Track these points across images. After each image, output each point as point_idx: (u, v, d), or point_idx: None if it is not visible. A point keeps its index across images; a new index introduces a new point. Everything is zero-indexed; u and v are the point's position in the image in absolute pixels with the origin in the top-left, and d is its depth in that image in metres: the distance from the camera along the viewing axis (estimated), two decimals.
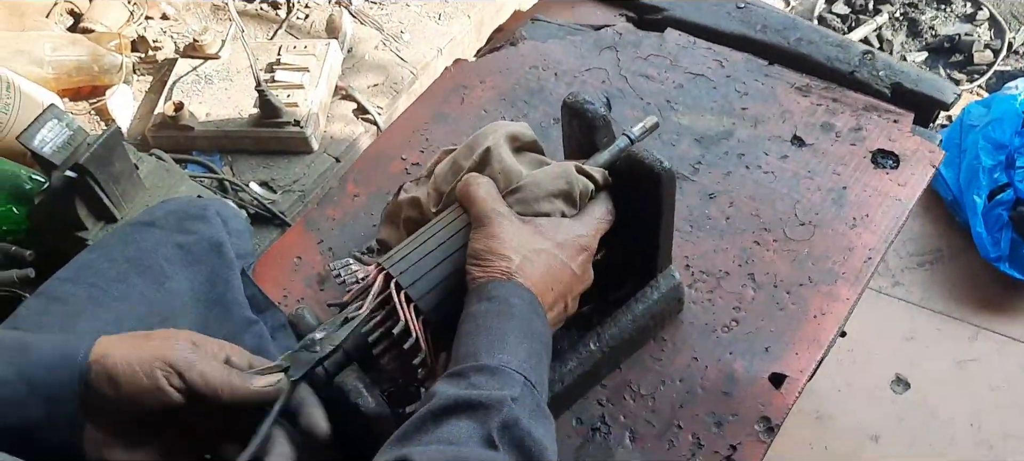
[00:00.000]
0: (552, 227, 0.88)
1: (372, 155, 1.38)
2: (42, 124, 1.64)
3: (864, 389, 1.94)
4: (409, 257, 0.87)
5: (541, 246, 0.85)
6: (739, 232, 1.20)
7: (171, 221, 1.02)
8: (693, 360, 1.09)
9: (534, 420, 0.71)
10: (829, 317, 1.11)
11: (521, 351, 0.75)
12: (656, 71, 1.40)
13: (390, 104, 2.24)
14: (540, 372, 0.77)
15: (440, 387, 0.73)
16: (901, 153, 1.25)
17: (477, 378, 0.72)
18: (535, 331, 0.79)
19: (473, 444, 0.67)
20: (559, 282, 0.85)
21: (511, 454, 0.67)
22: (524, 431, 0.69)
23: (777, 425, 1.03)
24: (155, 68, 2.42)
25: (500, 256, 0.82)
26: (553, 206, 0.90)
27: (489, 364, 0.73)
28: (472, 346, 0.76)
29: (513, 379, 0.72)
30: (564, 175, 0.91)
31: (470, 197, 0.88)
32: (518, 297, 0.79)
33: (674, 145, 1.30)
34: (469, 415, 0.69)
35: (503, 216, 0.85)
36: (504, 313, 0.78)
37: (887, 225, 1.18)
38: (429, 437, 0.69)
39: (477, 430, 0.68)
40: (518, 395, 0.71)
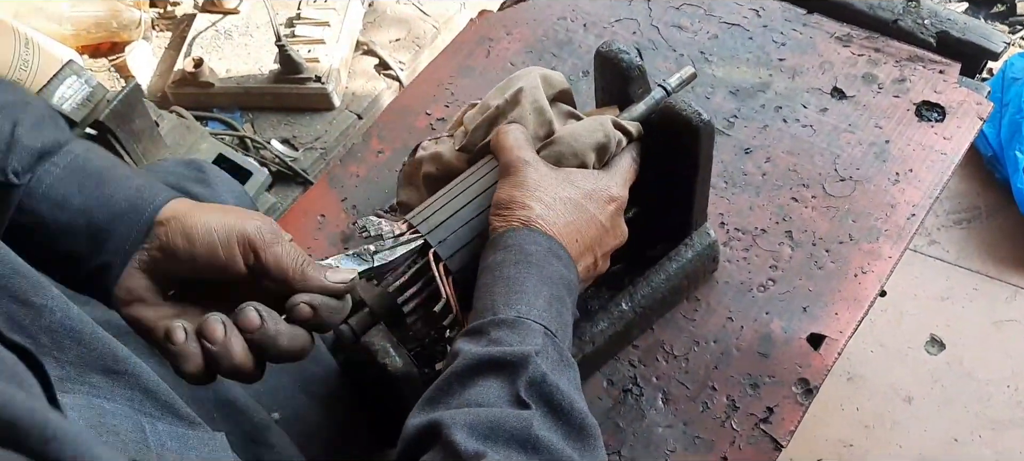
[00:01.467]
0: (582, 177, 0.85)
1: (396, 110, 1.34)
2: (61, 81, 1.62)
3: (897, 350, 1.90)
4: (440, 215, 0.84)
5: (568, 194, 0.82)
6: (776, 188, 1.15)
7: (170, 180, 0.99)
8: (728, 320, 1.05)
9: (559, 371, 0.69)
10: (870, 275, 1.07)
11: (540, 300, 0.73)
12: (689, 21, 1.35)
13: (412, 59, 2.20)
14: (562, 318, 0.74)
15: (462, 345, 0.71)
16: (947, 105, 1.19)
17: (497, 333, 0.70)
18: (555, 275, 0.76)
19: (503, 404, 0.66)
20: (585, 233, 0.81)
21: (541, 409, 0.66)
22: (552, 385, 0.67)
23: (816, 387, 0.99)
24: (174, 23, 2.40)
25: (521, 204, 0.79)
26: (589, 158, 0.86)
27: (507, 317, 0.71)
28: (490, 299, 0.73)
29: (532, 330, 0.70)
30: (601, 128, 0.87)
31: (499, 145, 0.85)
32: (534, 243, 0.77)
33: (708, 98, 1.25)
34: (495, 374, 0.68)
35: (530, 164, 0.82)
36: (520, 261, 0.75)
37: (932, 180, 1.13)
38: (457, 399, 0.67)
39: (506, 389, 0.67)
40: (540, 347, 0.69)
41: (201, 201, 0.97)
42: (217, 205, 0.75)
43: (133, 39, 2.30)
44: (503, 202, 0.80)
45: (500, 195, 0.81)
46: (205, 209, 0.73)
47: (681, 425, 0.99)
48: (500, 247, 0.77)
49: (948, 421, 1.81)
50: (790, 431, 0.97)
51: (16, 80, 1.93)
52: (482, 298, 0.75)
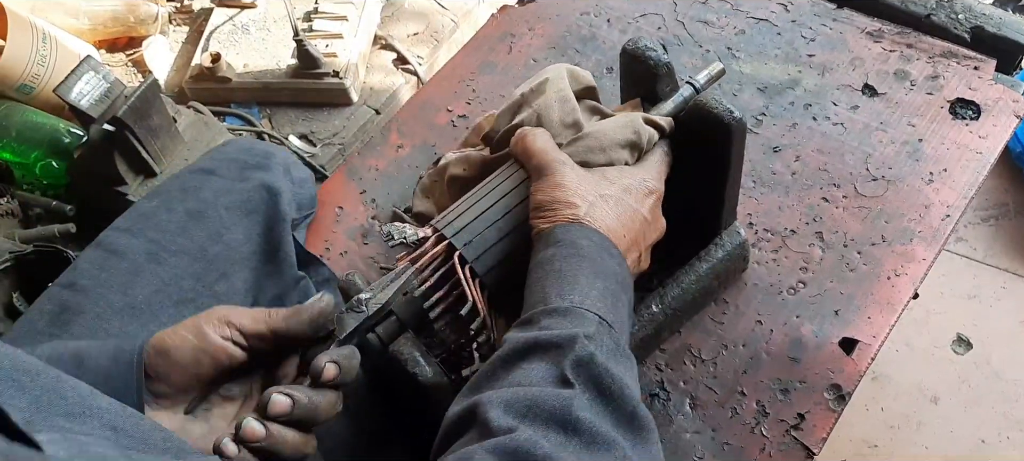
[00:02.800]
0: (617, 173, 0.83)
1: (416, 105, 1.33)
2: (79, 76, 1.61)
3: (924, 349, 1.87)
4: (464, 218, 0.82)
5: (608, 191, 0.80)
6: (806, 188, 1.13)
7: (233, 170, 0.99)
8: (757, 324, 1.03)
9: (613, 359, 0.66)
10: (904, 278, 1.04)
11: (594, 290, 0.70)
12: (716, 16, 1.32)
13: (431, 53, 2.17)
14: (618, 311, 0.72)
15: (510, 334, 0.69)
16: (982, 102, 1.16)
17: (548, 320, 0.68)
18: (608, 270, 0.74)
19: (546, 384, 0.63)
20: (631, 227, 0.80)
21: (588, 390, 0.63)
22: (600, 367, 0.64)
23: (848, 393, 0.97)
24: (191, 18, 2.38)
25: (566, 203, 0.77)
26: (619, 155, 0.84)
27: (559, 306, 0.68)
28: (541, 292, 0.71)
29: (586, 318, 0.68)
30: (631, 124, 0.85)
31: (527, 150, 0.82)
32: (587, 238, 0.75)
33: (736, 95, 1.23)
34: (540, 356, 0.65)
35: (565, 163, 0.80)
36: (573, 254, 0.73)
37: (966, 180, 1.10)
38: (501, 382, 0.65)
39: (550, 371, 0.64)
40: (592, 333, 0.66)
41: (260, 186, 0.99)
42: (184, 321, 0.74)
43: (150, 34, 2.29)
44: (545, 204, 0.78)
45: (540, 198, 0.79)
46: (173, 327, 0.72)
47: (709, 431, 0.97)
48: (551, 243, 0.75)
49: (975, 422, 1.78)
50: (822, 438, 0.95)
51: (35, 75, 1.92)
52: (533, 293, 0.72)
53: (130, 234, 0.93)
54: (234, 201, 0.97)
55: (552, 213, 0.77)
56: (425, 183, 1.14)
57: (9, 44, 1.88)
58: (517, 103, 0.90)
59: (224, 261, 0.93)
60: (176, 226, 0.93)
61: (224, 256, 0.93)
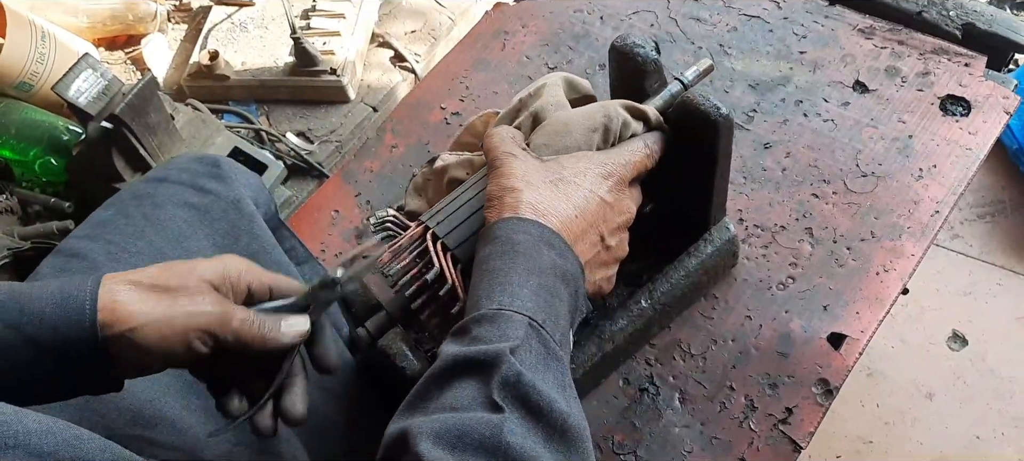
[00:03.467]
0: (572, 159, 0.82)
1: (411, 104, 1.33)
2: (77, 74, 1.62)
3: (919, 345, 1.88)
4: (445, 209, 0.85)
5: (556, 175, 0.79)
6: (796, 184, 1.13)
7: (184, 177, 0.98)
8: (746, 319, 1.04)
9: (541, 366, 0.66)
10: (893, 274, 1.04)
11: (525, 289, 0.70)
12: (708, 13, 1.33)
13: (428, 51, 2.18)
14: (552, 308, 0.71)
15: (446, 346, 0.69)
16: (973, 99, 1.16)
17: (478, 330, 0.67)
18: (545, 264, 0.73)
19: (476, 407, 0.63)
20: (584, 210, 0.79)
21: (517, 412, 0.63)
22: (527, 386, 0.64)
23: (836, 388, 0.98)
24: (189, 16, 2.39)
25: (508, 190, 0.77)
26: (585, 138, 0.84)
27: (488, 311, 0.68)
28: (475, 295, 0.71)
29: (514, 322, 0.67)
30: (603, 108, 0.85)
31: (486, 147, 0.84)
32: (523, 232, 0.74)
33: (727, 92, 1.23)
34: (469, 375, 0.65)
35: (513, 155, 0.81)
36: (507, 252, 0.73)
37: (956, 176, 1.11)
38: (433, 403, 0.65)
39: (479, 392, 0.64)
40: (520, 342, 0.66)
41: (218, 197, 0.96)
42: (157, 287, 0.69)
43: (149, 32, 2.30)
44: (493, 194, 0.79)
45: (489, 189, 0.80)
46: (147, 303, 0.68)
47: (698, 425, 0.97)
48: (489, 240, 0.75)
49: (970, 418, 1.78)
50: (809, 433, 0.95)
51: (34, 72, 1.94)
52: (471, 296, 0.73)
53: (89, 239, 0.92)
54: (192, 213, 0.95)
55: (496, 203, 0.77)
56: (417, 181, 1.15)
57: (8, 42, 1.89)
58: (516, 108, 0.91)
59: None
60: (134, 230, 0.92)
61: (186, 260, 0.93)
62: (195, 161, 1.01)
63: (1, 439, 0.51)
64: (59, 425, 0.55)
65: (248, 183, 1.03)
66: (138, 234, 0.92)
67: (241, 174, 1.03)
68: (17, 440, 0.52)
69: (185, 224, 0.94)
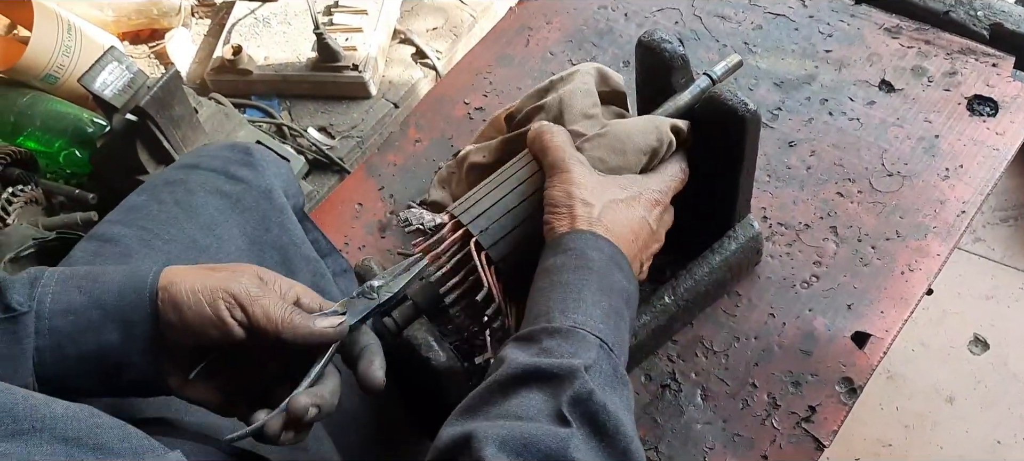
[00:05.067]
0: (629, 180, 0.82)
1: (434, 99, 1.34)
2: (103, 67, 1.63)
3: (940, 349, 1.86)
4: (481, 205, 0.83)
5: (620, 196, 0.79)
6: (821, 182, 1.13)
7: (216, 163, 0.99)
8: (770, 317, 1.04)
9: (610, 389, 0.66)
10: (918, 274, 1.04)
11: (598, 310, 0.69)
12: (733, 11, 1.33)
13: (449, 48, 2.18)
14: (620, 332, 0.71)
15: (510, 351, 0.68)
16: (1000, 99, 1.16)
17: (549, 342, 0.67)
18: (616, 286, 0.73)
19: (543, 419, 0.62)
20: (639, 236, 0.79)
21: (583, 429, 0.62)
22: (598, 405, 0.63)
23: (859, 387, 0.97)
24: (213, 11, 2.41)
25: (581, 202, 0.76)
26: (637, 160, 0.84)
27: (562, 326, 0.68)
28: (545, 305, 0.70)
29: (587, 342, 0.67)
30: (656, 130, 0.84)
31: (544, 146, 0.82)
32: (597, 250, 0.74)
33: (752, 89, 1.23)
34: (539, 386, 0.64)
35: (580, 162, 0.80)
36: (581, 267, 0.72)
37: (983, 177, 1.10)
38: (497, 409, 0.64)
39: (547, 404, 0.63)
40: (592, 362, 0.65)
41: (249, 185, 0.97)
42: (209, 267, 0.74)
43: (173, 26, 2.31)
44: (558, 201, 0.77)
45: (554, 192, 0.78)
46: (194, 273, 0.72)
47: (720, 422, 0.97)
48: (560, 250, 0.74)
49: (991, 423, 1.76)
50: (833, 431, 0.95)
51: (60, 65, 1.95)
52: (537, 303, 0.72)
53: (122, 225, 0.93)
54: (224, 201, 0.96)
55: (565, 212, 0.76)
56: (442, 174, 1.15)
57: (35, 35, 1.91)
58: (544, 88, 0.91)
59: (216, 252, 0.93)
60: (166, 217, 0.93)
61: (216, 248, 0.93)
62: (227, 149, 1.02)
63: (29, 422, 0.53)
64: (84, 411, 0.57)
65: (279, 173, 1.03)
66: (170, 221, 0.92)
67: (272, 163, 1.03)
68: (44, 424, 0.54)
69: (217, 212, 0.94)
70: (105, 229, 0.93)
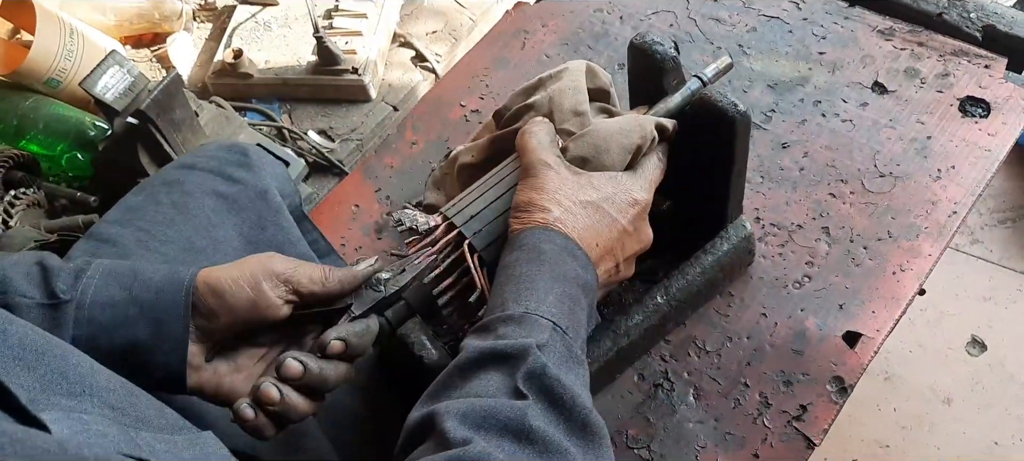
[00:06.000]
0: (604, 180, 0.83)
1: (430, 102, 1.35)
2: (104, 70, 1.65)
3: (937, 350, 1.87)
4: (473, 207, 0.84)
5: (587, 197, 0.80)
6: (813, 183, 1.14)
7: (213, 164, 1.00)
8: (762, 316, 1.04)
9: (564, 367, 0.68)
10: (909, 274, 1.05)
11: (550, 296, 0.72)
12: (727, 13, 1.34)
13: (449, 51, 2.20)
14: (574, 316, 0.73)
15: (468, 341, 0.71)
16: (992, 101, 1.16)
17: (503, 328, 0.69)
18: (569, 274, 0.75)
19: (501, 395, 0.65)
20: (606, 236, 0.80)
21: (540, 402, 0.64)
22: (552, 378, 0.65)
23: (850, 386, 0.98)
24: (214, 15, 2.43)
25: (539, 207, 0.78)
26: (618, 158, 0.84)
27: (515, 313, 0.70)
28: (500, 297, 0.73)
29: (540, 325, 0.69)
30: (639, 128, 0.85)
31: (522, 147, 0.84)
32: (550, 243, 0.76)
33: (746, 91, 1.24)
34: (495, 366, 0.67)
35: (550, 167, 0.81)
36: (533, 259, 0.74)
37: (975, 177, 1.11)
38: (458, 391, 0.67)
39: (504, 382, 0.65)
40: (545, 341, 0.68)
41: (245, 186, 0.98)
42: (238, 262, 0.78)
43: (174, 30, 2.33)
44: (522, 204, 0.80)
45: (519, 197, 0.80)
46: (229, 266, 0.77)
47: (712, 421, 0.98)
48: (515, 247, 0.77)
49: (988, 424, 1.77)
50: (823, 430, 0.96)
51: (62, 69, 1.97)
52: (494, 297, 0.74)
53: (119, 225, 0.95)
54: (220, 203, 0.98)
55: (526, 215, 0.78)
56: (436, 176, 1.16)
57: (37, 38, 1.93)
58: (533, 86, 0.92)
59: (213, 253, 0.94)
60: (163, 218, 0.95)
61: (213, 249, 0.95)
62: (223, 149, 1.03)
63: (81, 386, 0.58)
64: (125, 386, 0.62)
65: (275, 173, 1.05)
66: (167, 222, 0.94)
67: (268, 163, 1.05)
68: (92, 390, 0.58)
69: (213, 213, 0.95)
70: (103, 229, 0.94)
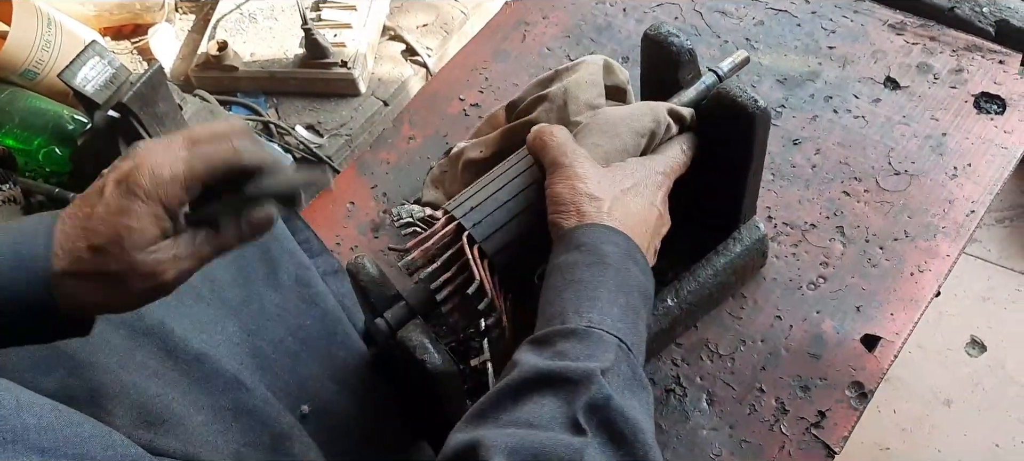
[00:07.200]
0: (635, 165, 0.78)
1: (428, 95, 1.30)
2: (84, 62, 1.59)
3: (937, 351, 1.84)
4: (474, 200, 0.80)
5: (627, 184, 0.75)
6: (826, 181, 1.10)
7: None
8: (776, 319, 1.01)
9: (628, 393, 0.62)
10: (928, 274, 1.02)
11: (615, 308, 0.66)
12: (734, 6, 1.30)
13: (440, 45, 2.15)
14: (638, 330, 0.67)
15: (524, 355, 0.64)
16: (1007, 97, 1.13)
17: (564, 345, 0.63)
18: (632, 281, 0.69)
19: (556, 427, 0.58)
20: (648, 223, 0.75)
21: (599, 437, 0.58)
22: (615, 411, 0.59)
23: (871, 391, 0.95)
24: (198, 6, 2.36)
25: (587, 197, 0.72)
26: (632, 141, 0.81)
27: (578, 327, 0.64)
28: (560, 305, 0.67)
29: (604, 343, 0.63)
30: (652, 111, 0.81)
31: (543, 144, 0.77)
32: (612, 244, 0.70)
33: (755, 86, 1.20)
34: (553, 392, 0.60)
35: (584, 155, 0.76)
36: (596, 263, 0.68)
37: (991, 175, 1.08)
38: (508, 416, 0.60)
39: (561, 410, 0.59)
40: (610, 365, 0.61)
41: None
42: None
43: (156, 21, 2.27)
44: (564, 197, 0.73)
45: (559, 189, 0.74)
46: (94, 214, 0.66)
47: (727, 428, 0.94)
48: (573, 245, 0.70)
49: (989, 426, 1.75)
50: (843, 437, 0.92)
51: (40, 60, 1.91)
52: (551, 303, 0.68)
53: None
54: None
55: (572, 208, 0.73)
56: (435, 173, 1.12)
57: (14, 29, 1.86)
58: (549, 77, 0.88)
59: None
60: None
61: None
62: None
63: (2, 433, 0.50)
64: (61, 419, 0.54)
65: None
66: None
67: None
68: (16, 435, 0.50)
69: None
70: None
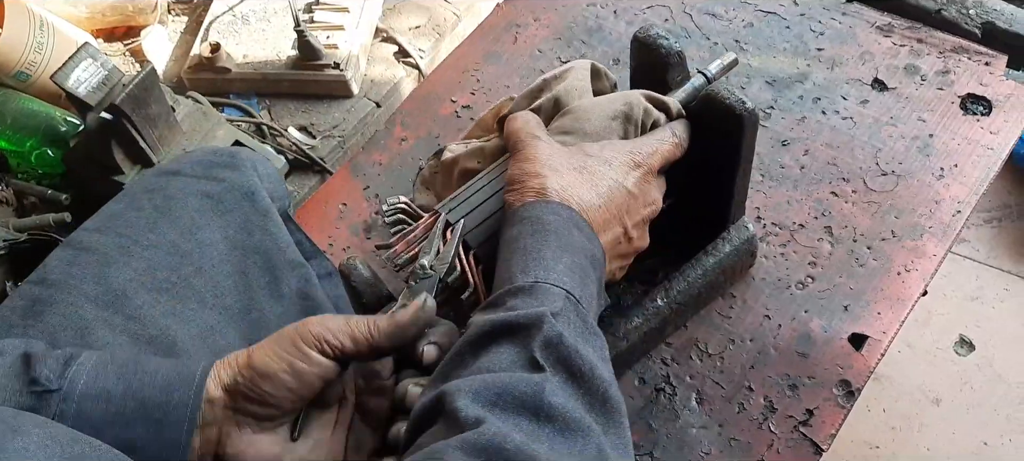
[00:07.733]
0: (598, 146, 0.80)
1: (420, 97, 1.31)
2: (76, 64, 1.59)
3: (926, 350, 1.86)
4: (460, 197, 0.83)
5: (584, 163, 0.77)
6: (815, 182, 1.11)
7: (198, 169, 0.95)
8: (765, 318, 1.02)
9: (581, 337, 0.63)
10: (914, 274, 1.03)
11: (560, 264, 0.68)
12: (723, 8, 1.31)
13: (433, 47, 2.16)
14: (586, 287, 0.69)
15: (475, 317, 0.66)
16: (994, 98, 1.15)
17: (513, 301, 0.65)
18: (576, 244, 0.71)
19: (516, 368, 0.60)
20: (610, 199, 0.77)
21: (558, 373, 0.60)
22: (570, 347, 0.61)
23: (858, 390, 0.96)
24: (190, 8, 2.36)
25: (533, 175, 0.75)
26: (607, 126, 0.83)
27: (524, 284, 0.66)
28: (507, 271, 0.69)
29: (552, 294, 0.65)
30: (625, 97, 0.84)
31: (508, 131, 0.82)
32: (553, 213, 0.72)
33: (743, 88, 1.21)
34: (508, 339, 0.62)
35: (537, 138, 0.79)
36: (537, 231, 0.70)
37: (978, 176, 1.09)
38: (468, 370, 0.62)
39: (519, 354, 0.61)
40: (559, 309, 0.63)
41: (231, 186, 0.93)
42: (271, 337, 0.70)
43: (149, 23, 2.26)
44: (516, 177, 0.77)
45: (511, 172, 0.77)
46: (250, 351, 0.69)
47: (716, 426, 0.95)
48: (516, 221, 0.73)
49: (977, 424, 1.76)
50: (831, 435, 0.94)
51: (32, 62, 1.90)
52: (500, 274, 0.70)
53: (99, 232, 0.89)
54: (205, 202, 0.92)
55: (520, 186, 0.75)
56: (425, 175, 1.12)
57: (6, 30, 1.86)
58: (539, 88, 0.89)
59: (198, 256, 0.89)
60: (145, 223, 0.89)
61: (198, 252, 0.89)
62: (210, 153, 0.98)
63: None
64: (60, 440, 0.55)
65: (266, 174, 1.00)
66: (150, 226, 0.89)
67: (259, 163, 1.00)
68: None
69: (197, 213, 0.90)
70: (82, 237, 0.89)
